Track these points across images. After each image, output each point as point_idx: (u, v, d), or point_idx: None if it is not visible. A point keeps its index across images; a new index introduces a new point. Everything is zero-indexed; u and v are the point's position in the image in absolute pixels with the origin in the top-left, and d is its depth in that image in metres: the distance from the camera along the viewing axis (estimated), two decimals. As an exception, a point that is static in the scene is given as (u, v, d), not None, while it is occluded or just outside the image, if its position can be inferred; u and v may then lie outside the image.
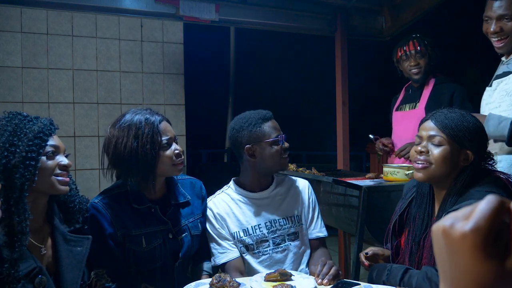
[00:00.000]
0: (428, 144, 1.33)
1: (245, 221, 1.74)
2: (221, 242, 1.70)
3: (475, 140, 1.29)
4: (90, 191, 3.67)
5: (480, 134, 1.31)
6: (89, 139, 3.84)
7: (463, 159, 1.31)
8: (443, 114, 1.33)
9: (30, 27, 3.66)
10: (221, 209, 1.75)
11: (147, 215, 1.56)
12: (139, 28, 4.03)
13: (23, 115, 1.24)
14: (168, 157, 1.53)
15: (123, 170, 1.53)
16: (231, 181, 1.85)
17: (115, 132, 1.52)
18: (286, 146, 1.75)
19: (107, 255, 1.49)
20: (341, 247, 3.06)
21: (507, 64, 1.85)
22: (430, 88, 2.59)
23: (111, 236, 1.50)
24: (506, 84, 1.78)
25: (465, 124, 1.29)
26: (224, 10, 3.15)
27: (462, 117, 1.31)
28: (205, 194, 1.80)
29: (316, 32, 3.67)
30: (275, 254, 1.74)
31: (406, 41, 2.63)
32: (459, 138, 1.28)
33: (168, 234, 1.59)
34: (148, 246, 1.53)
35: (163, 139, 1.51)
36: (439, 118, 1.32)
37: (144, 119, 1.52)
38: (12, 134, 1.17)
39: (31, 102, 3.64)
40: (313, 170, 2.80)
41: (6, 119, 1.21)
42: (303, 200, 1.85)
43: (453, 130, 1.29)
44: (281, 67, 8.47)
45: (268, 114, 1.75)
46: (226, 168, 6.00)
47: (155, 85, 4.11)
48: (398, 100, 2.79)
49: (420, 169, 1.35)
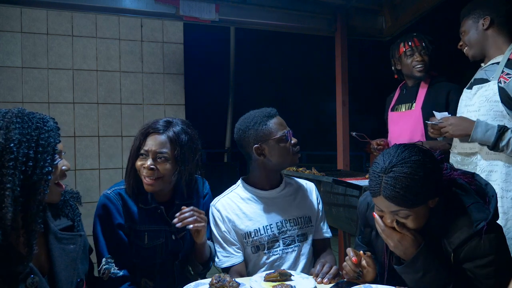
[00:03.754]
0: (394, 215, 1.28)
1: (256, 220, 1.73)
2: (226, 246, 1.70)
3: (432, 189, 1.24)
4: (90, 191, 3.67)
5: (433, 178, 1.23)
6: (89, 139, 3.84)
7: (432, 203, 1.29)
8: (390, 185, 1.21)
9: (30, 27, 3.66)
10: (229, 210, 1.73)
11: (153, 214, 1.59)
12: (139, 28, 4.03)
13: (33, 119, 1.16)
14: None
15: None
16: (240, 180, 1.84)
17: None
18: (294, 141, 1.73)
19: (115, 245, 1.53)
20: (341, 247, 3.06)
21: (485, 70, 1.98)
22: (426, 88, 2.57)
23: (120, 226, 1.53)
24: (486, 90, 1.90)
25: (417, 184, 1.19)
26: (224, 10, 3.15)
27: (410, 177, 1.19)
28: (208, 191, 1.82)
29: (316, 32, 3.67)
30: (285, 255, 1.74)
31: (410, 38, 2.60)
32: (419, 201, 1.23)
33: (172, 236, 1.61)
34: (150, 243, 1.57)
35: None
36: (389, 193, 1.21)
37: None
38: (28, 147, 1.10)
39: (31, 102, 3.64)
40: (313, 170, 2.81)
41: (17, 124, 1.11)
42: (312, 201, 1.86)
43: (410, 200, 1.21)
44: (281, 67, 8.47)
45: (272, 111, 1.74)
46: (226, 168, 6.00)
47: (155, 85, 4.11)
48: (393, 100, 2.77)
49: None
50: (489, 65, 1.98)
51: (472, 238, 1.23)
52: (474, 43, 2.02)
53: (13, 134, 1.09)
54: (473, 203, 1.29)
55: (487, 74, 1.96)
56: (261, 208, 1.75)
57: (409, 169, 1.21)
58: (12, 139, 1.08)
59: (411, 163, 1.22)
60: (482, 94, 1.92)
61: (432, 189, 1.24)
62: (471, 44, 2.03)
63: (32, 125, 1.14)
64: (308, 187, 1.89)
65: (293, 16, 3.44)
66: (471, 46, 2.03)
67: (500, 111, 1.85)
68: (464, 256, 1.25)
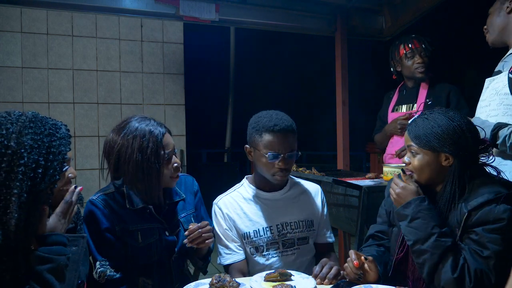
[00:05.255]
0: (409, 153, 1.42)
1: (256, 221, 1.73)
2: (227, 244, 1.70)
3: (447, 143, 1.31)
4: (90, 191, 3.67)
5: (453, 135, 1.32)
6: (89, 139, 3.85)
7: (445, 161, 1.35)
8: (416, 123, 1.38)
9: (30, 27, 3.66)
10: (231, 209, 1.73)
11: (142, 214, 1.60)
12: (139, 28, 4.04)
13: (46, 125, 1.13)
14: (168, 171, 1.58)
15: (128, 179, 1.55)
16: (244, 179, 1.84)
17: (118, 139, 1.52)
18: (280, 166, 1.63)
19: (106, 248, 1.53)
20: (341, 247, 3.06)
21: (504, 62, 1.84)
22: (426, 88, 2.58)
23: (109, 230, 1.53)
24: (497, 83, 1.78)
25: (434, 130, 1.33)
26: (224, 10, 3.15)
27: (434, 122, 1.34)
28: (198, 188, 1.83)
29: (316, 32, 3.67)
30: (284, 257, 1.73)
31: (409, 39, 2.61)
32: (430, 144, 1.33)
33: (165, 232, 1.62)
34: (144, 242, 1.57)
35: (166, 152, 1.55)
36: (412, 128, 1.39)
37: (149, 131, 1.52)
38: (39, 153, 1.08)
39: (31, 102, 3.64)
40: (313, 170, 2.80)
41: (30, 129, 1.09)
42: (316, 205, 1.83)
43: (422, 138, 1.35)
44: (281, 67, 8.47)
45: (277, 127, 1.60)
46: (226, 168, 6.00)
47: (155, 85, 4.12)
48: (393, 101, 2.78)
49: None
50: (508, 55, 1.83)
51: (488, 203, 1.25)
52: (496, 27, 1.85)
53: (26, 139, 1.07)
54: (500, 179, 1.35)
55: (504, 66, 1.82)
56: (262, 209, 1.75)
57: (438, 116, 1.35)
58: (23, 144, 1.06)
59: (444, 113, 1.35)
60: (493, 87, 1.80)
61: (448, 143, 1.31)
62: (493, 28, 1.87)
63: (44, 131, 1.12)
64: (313, 190, 1.86)
65: (293, 16, 3.44)
66: (493, 30, 1.87)
67: (511, 105, 1.69)
68: (476, 219, 1.26)
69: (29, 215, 1.07)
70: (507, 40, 1.83)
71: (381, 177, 2.38)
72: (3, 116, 1.10)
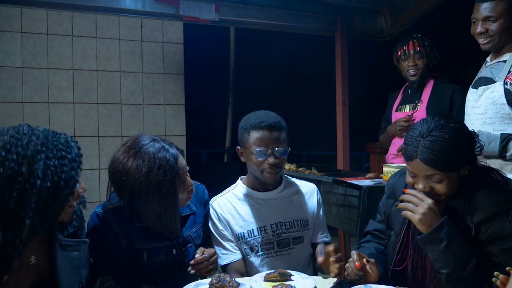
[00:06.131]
0: (427, 180, 1.30)
1: (250, 221, 1.72)
2: (224, 244, 1.70)
3: (466, 156, 1.29)
4: (90, 191, 3.67)
5: (468, 147, 1.30)
6: (89, 139, 3.84)
7: (463, 171, 1.32)
8: (428, 149, 1.24)
9: (30, 27, 3.66)
10: (225, 210, 1.73)
11: (150, 231, 1.54)
12: (139, 28, 4.04)
13: (58, 146, 1.10)
14: (183, 195, 1.52)
15: (142, 217, 1.50)
16: (239, 180, 1.84)
17: (129, 162, 1.45)
18: (270, 162, 1.62)
19: (111, 263, 1.49)
20: (341, 247, 3.06)
21: (491, 68, 1.88)
22: (430, 89, 2.60)
23: (115, 245, 1.49)
24: (492, 92, 1.83)
25: (454, 149, 1.24)
26: (224, 10, 3.15)
27: (448, 142, 1.24)
28: (208, 198, 1.78)
29: (316, 32, 3.68)
30: (279, 257, 1.73)
31: (406, 41, 2.63)
32: (454, 166, 1.27)
33: (172, 250, 1.58)
34: (150, 260, 1.53)
35: (181, 180, 1.48)
36: (426, 156, 1.24)
37: (164, 157, 1.43)
38: (51, 180, 1.05)
39: (31, 102, 3.64)
40: (313, 170, 2.80)
41: (42, 153, 1.05)
42: (312, 204, 1.83)
43: (446, 164, 1.25)
44: (281, 67, 8.47)
45: (263, 124, 1.62)
46: (226, 168, 5.99)
47: (155, 85, 4.12)
48: (397, 101, 2.79)
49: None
50: (495, 63, 1.88)
51: (497, 217, 1.23)
52: (503, 33, 1.80)
53: (38, 166, 1.03)
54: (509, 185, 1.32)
55: (493, 73, 1.86)
56: (257, 209, 1.75)
57: (447, 134, 1.25)
58: (36, 173, 1.02)
59: (449, 128, 1.26)
60: (488, 96, 1.85)
61: (466, 155, 1.29)
62: (499, 34, 1.81)
63: (57, 153, 1.08)
64: (308, 189, 1.85)
65: (293, 16, 3.44)
66: (499, 36, 1.81)
67: (508, 114, 1.78)
68: (489, 235, 1.24)
69: (37, 230, 1.06)
70: (500, 48, 1.86)
71: (381, 177, 2.38)
72: (13, 136, 1.04)
